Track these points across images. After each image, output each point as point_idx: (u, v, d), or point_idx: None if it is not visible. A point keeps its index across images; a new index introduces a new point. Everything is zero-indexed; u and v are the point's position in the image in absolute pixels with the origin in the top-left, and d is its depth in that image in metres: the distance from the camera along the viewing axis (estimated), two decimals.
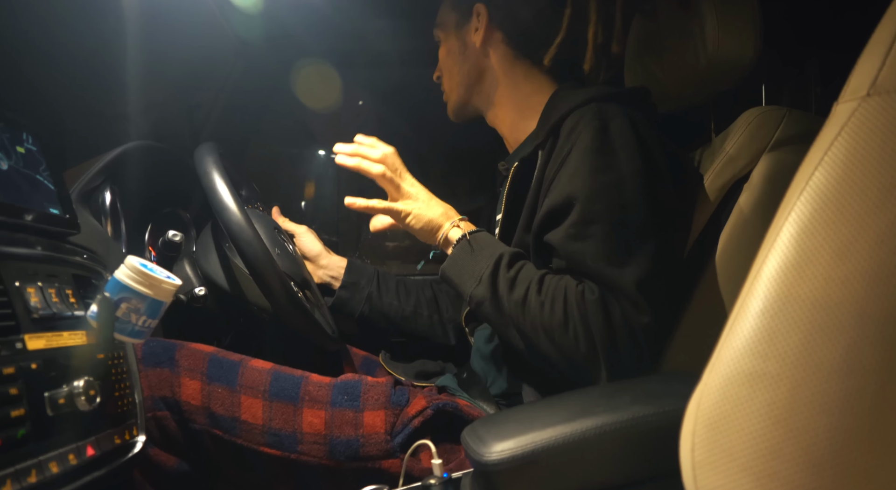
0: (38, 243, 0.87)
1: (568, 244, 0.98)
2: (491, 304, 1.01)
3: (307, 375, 1.11)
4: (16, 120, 0.93)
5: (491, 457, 0.68)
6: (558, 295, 0.95)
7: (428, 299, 1.55)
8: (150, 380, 1.05)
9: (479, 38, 1.26)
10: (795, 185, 0.40)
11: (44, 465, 0.71)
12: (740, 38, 1.07)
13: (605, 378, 0.93)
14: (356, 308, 1.50)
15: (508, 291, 0.99)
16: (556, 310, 0.94)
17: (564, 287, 0.96)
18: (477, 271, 1.04)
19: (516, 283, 1.00)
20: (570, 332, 0.93)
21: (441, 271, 1.11)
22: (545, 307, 0.95)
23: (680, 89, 1.17)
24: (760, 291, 0.40)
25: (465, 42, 1.29)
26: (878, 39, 0.40)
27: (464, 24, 1.29)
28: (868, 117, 0.38)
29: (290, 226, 1.56)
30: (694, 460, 0.42)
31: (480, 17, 1.26)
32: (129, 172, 1.35)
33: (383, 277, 1.56)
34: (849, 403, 0.35)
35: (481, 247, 1.08)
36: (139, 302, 0.84)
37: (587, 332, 0.92)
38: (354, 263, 1.55)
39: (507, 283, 1.00)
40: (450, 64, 1.33)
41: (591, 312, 0.92)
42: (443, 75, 1.37)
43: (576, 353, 0.93)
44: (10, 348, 0.72)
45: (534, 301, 0.97)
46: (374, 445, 1.04)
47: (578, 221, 0.97)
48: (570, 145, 1.02)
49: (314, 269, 1.53)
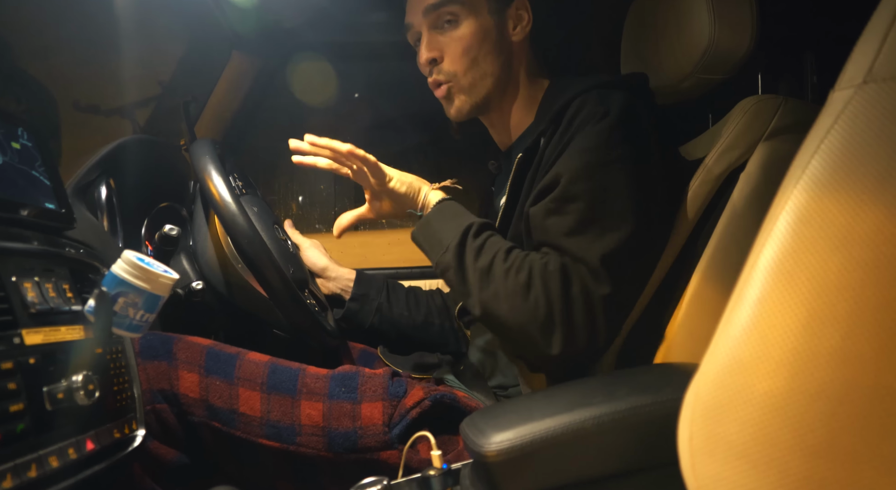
0: (34, 238, 0.87)
1: (545, 217, 1.00)
2: (456, 272, 1.03)
3: (304, 368, 1.11)
4: (11, 116, 0.93)
5: (490, 447, 0.68)
6: (524, 265, 0.97)
7: (438, 308, 1.54)
8: (149, 373, 1.05)
9: (523, 33, 1.22)
10: (792, 173, 0.40)
11: (43, 459, 0.71)
12: (736, 28, 1.07)
13: (559, 350, 0.94)
14: (366, 320, 1.49)
15: (474, 260, 1.02)
16: (519, 278, 0.96)
17: (530, 258, 0.98)
18: (446, 239, 1.06)
19: (482, 252, 1.02)
20: (531, 299, 0.95)
21: (412, 235, 1.12)
22: (509, 275, 0.97)
23: (677, 80, 1.17)
24: (757, 280, 0.40)
25: (502, 31, 1.20)
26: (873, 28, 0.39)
27: (502, 12, 1.20)
28: (864, 105, 0.38)
29: (298, 239, 1.55)
30: (692, 449, 0.42)
31: (524, 11, 1.21)
32: (125, 167, 1.34)
33: (393, 288, 1.55)
34: (845, 391, 0.35)
35: (454, 214, 1.10)
36: (136, 296, 0.84)
37: (547, 299, 0.94)
38: (363, 275, 1.54)
39: (474, 252, 1.03)
40: (481, 51, 1.18)
41: (552, 280, 0.94)
42: (457, 62, 1.19)
43: (533, 321, 0.95)
44: (8, 343, 0.72)
45: (498, 269, 0.99)
46: (372, 437, 1.04)
47: (559, 197, 0.99)
48: (573, 130, 1.03)
49: (323, 282, 1.52)
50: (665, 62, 1.18)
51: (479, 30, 1.17)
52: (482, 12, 1.18)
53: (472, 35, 1.17)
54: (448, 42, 1.18)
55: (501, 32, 1.20)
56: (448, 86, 1.21)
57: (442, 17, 1.19)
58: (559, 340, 0.94)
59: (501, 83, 1.21)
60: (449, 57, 1.19)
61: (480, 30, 1.17)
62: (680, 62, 1.14)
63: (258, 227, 1.16)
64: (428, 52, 1.20)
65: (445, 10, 1.18)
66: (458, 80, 1.20)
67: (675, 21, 1.14)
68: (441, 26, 1.19)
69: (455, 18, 1.18)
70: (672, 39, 1.15)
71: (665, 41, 1.18)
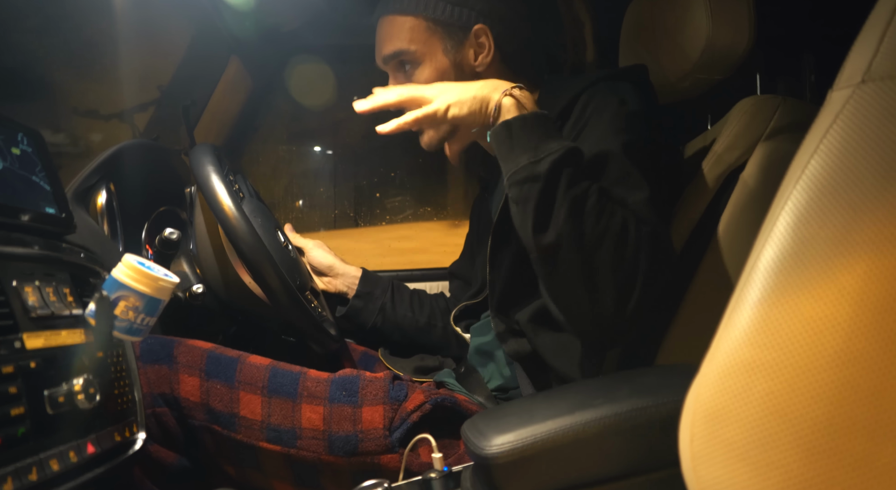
0: (34, 243, 0.87)
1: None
2: (542, 190, 0.89)
3: (305, 371, 1.11)
4: (11, 121, 0.93)
5: (491, 450, 0.68)
6: (615, 211, 0.90)
7: (442, 310, 1.54)
8: (149, 376, 1.05)
9: (485, 63, 1.21)
10: (791, 173, 0.40)
11: (44, 462, 0.71)
12: (734, 28, 1.07)
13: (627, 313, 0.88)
14: (369, 319, 1.49)
15: (568, 186, 0.89)
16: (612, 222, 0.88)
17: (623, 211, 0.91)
18: (544, 149, 0.92)
19: (574, 184, 0.90)
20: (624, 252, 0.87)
21: (492, 132, 0.98)
22: (602, 216, 0.88)
23: (675, 80, 1.17)
24: (758, 281, 0.40)
25: (461, 66, 1.21)
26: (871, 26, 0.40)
27: (458, 47, 1.20)
28: (863, 104, 0.38)
29: (301, 241, 1.54)
30: (693, 451, 0.42)
31: (485, 39, 1.20)
32: (124, 171, 1.34)
33: (398, 288, 1.55)
34: (846, 392, 0.35)
35: (547, 128, 0.96)
36: (137, 300, 0.84)
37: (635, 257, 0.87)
38: (369, 274, 1.54)
39: (567, 180, 0.90)
40: None
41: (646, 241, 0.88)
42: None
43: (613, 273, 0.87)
44: (9, 347, 0.72)
45: (592, 204, 0.89)
46: (373, 441, 1.04)
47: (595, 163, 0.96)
48: (586, 119, 1.03)
49: (329, 280, 1.52)
50: (663, 62, 1.18)
51: (437, 72, 1.20)
52: (437, 54, 1.20)
53: (431, 78, 1.19)
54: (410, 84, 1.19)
55: (461, 67, 1.21)
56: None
57: (401, 64, 1.23)
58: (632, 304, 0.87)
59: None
60: None
61: (438, 72, 1.20)
62: (678, 62, 1.15)
63: (260, 233, 1.16)
64: None
65: (399, 59, 1.22)
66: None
67: (673, 21, 1.14)
68: (403, 70, 1.23)
69: (412, 63, 1.21)
70: (670, 39, 1.16)
71: (663, 41, 1.18)
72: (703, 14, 1.07)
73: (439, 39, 1.20)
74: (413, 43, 1.20)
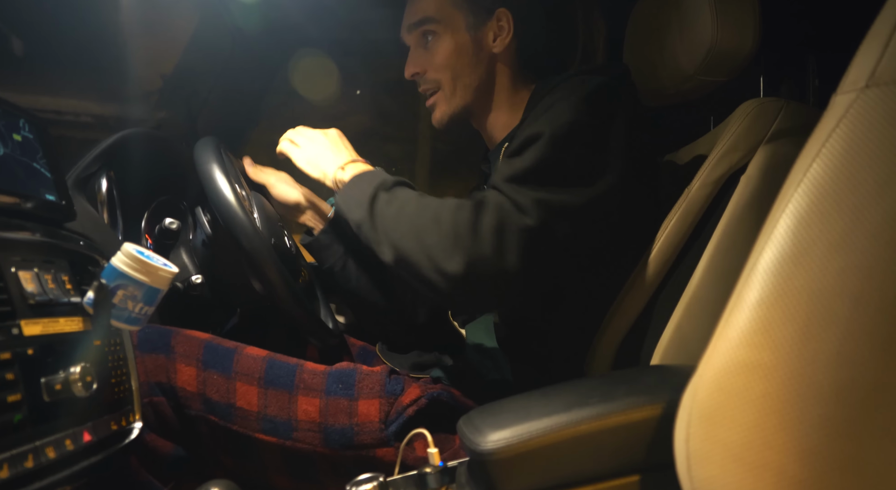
0: (34, 230, 0.87)
1: (499, 168, 0.99)
2: (369, 223, 1.00)
3: (302, 363, 1.11)
4: (13, 108, 0.93)
5: (487, 446, 0.68)
6: (438, 205, 0.95)
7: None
8: (146, 365, 1.05)
9: (503, 45, 1.23)
10: (793, 176, 0.40)
11: (40, 450, 0.71)
12: (739, 30, 1.07)
13: (460, 268, 0.89)
14: (328, 259, 1.36)
15: (386, 206, 0.99)
16: (432, 214, 0.94)
17: (445, 200, 0.96)
18: (360, 196, 1.03)
19: (394, 199, 1.00)
20: (442, 224, 0.92)
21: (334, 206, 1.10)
22: (422, 212, 0.95)
23: (678, 81, 1.17)
24: (757, 283, 0.40)
25: (480, 44, 1.23)
26: (876, 31, 0.39)
27: (479, 25, 1.23)
28: (866, 109, 0.38)
29: (262, 176, 1.39)
30: (689, 451, 0.42)
31: (505, 23, 1.22)
32: (125, 160, 1.34)
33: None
34: (843, 394, 0.36)
35: (370, 176, 1.07)
36: (136, 289, 0.84)
37: (454, 219, 0.91)
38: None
39: (386, 201, 1.00)
40: (459, 65, 1.23)
41: (464, 207, 0.92)
42: (439, 75, 1.25)
43: (437, 240, 0.91)
44: (6, 333, 0.72)
45: (411, 208, 0.97)
46: (369, 434, 1.04)
47: (515, 150, 0.98)
48: (546, 104, 1.03)
49: (298, 215, 1.38)
50: (667, 63, 1.18)
51: (456, 45, 1.23)
52: (459, 29, 1.23)
53: (450, 50, 1.23)
54: (429, 57, 1.25)
55: (480, 46, 1.23)
56: (433, 95, 1.28)
57: (422, 34, 1.26)
58: (461, 258, 0.89)
59: (482, 93, 1.25)
60: (431, 70, 1.26)
61: (457, 45, 1.23)
62: (682, 64, 1.14)
63: (260, 226, 1.16)
64: (410, 67, 1.28)
65: (423, 29, 1.25)
66: (440, 89, 1.26)
67: (678, 22, 1.14)
68: (424, 43, 1.26)
69: (434, 35, 1.24)
70: (674, 41, 1.15)
71: (667, 42, 1.18)
72: (708, 16, 1.06)
73: (464, 15, 1.23)
74: (440, 12, 1.23)
